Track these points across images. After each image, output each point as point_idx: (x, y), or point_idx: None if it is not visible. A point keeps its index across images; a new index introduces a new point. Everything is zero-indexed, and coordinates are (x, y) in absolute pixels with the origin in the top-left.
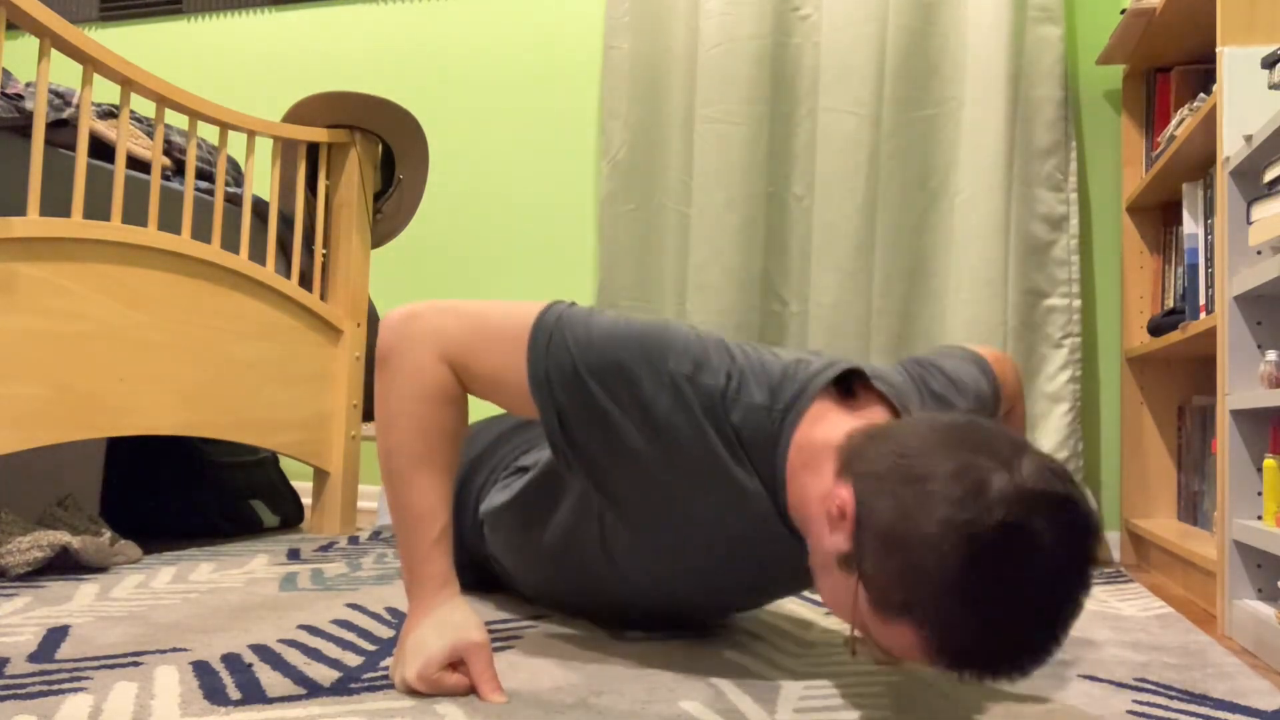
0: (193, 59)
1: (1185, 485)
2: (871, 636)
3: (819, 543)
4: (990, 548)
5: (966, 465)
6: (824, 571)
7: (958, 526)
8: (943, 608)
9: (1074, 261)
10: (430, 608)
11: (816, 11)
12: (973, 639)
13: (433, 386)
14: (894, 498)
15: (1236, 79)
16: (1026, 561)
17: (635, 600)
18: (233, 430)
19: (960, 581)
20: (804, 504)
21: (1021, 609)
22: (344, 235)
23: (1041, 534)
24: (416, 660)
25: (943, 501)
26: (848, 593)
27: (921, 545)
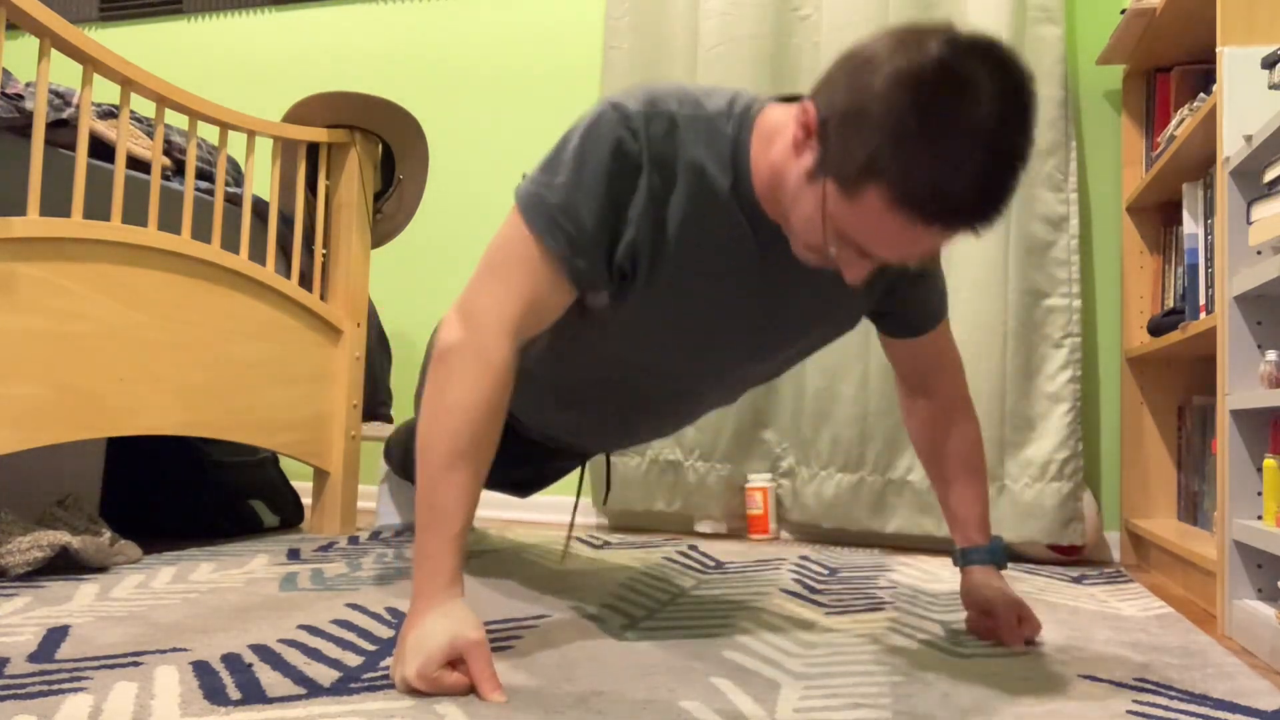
0: (193, 59)
1: (1185, 485)
2: (844, 232)
3: (790, 176)
4: (932, 84)
5: (906, 35)
6: (796, 206)
7: (901, 73)
8: (900, 151)
9: (1074, 261)
10: (433, 604)
11: (816, 11)
12: (932, 176)
13: (497, 366)
14: (847, 83)
15: (1236, 79)
16: (970, 98)
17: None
18: (233, 430)
19: (910, 120)
20: (771, 171)
21: (972, 143)
22: (344, 235)
23: (979, 73)
24: (416, 659)
25: (886, 61)
26: (816, 203)
27: (873, 101)
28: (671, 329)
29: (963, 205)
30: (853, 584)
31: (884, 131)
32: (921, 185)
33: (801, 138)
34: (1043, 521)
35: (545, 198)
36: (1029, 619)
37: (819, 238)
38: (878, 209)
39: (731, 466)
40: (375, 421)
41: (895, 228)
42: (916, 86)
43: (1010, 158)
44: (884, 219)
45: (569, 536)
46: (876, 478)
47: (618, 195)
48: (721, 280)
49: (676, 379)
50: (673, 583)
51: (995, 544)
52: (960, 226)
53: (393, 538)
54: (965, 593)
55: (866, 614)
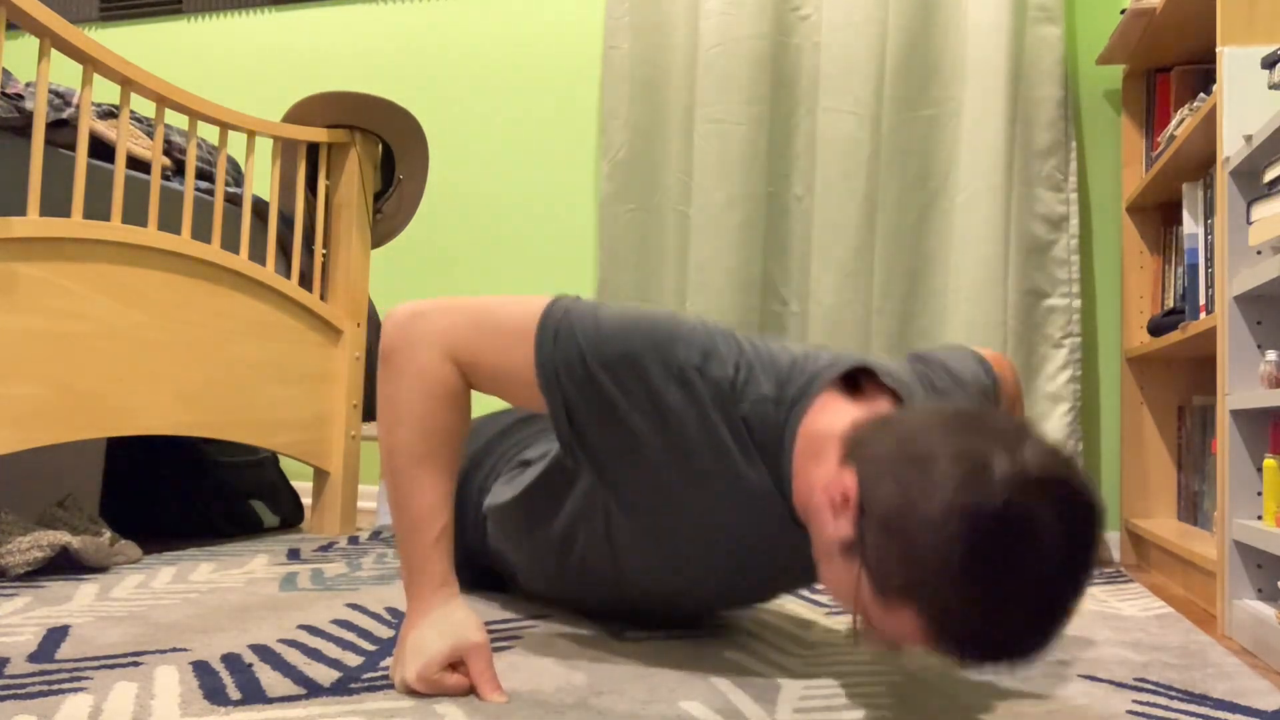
0: (193, 59)
1: (1185, 485)
2: (873, 624)
3: (822, 531)
4: (992, 532)
5: (969, 447)
6: (827, 560)
7: (960, 509)
8: (944, 592)
9: (1074, 261)
10: (430, 607)
11: (816, 11)
12: (974, 625)
13: (437, 385)
14: (896, 481)
15: (1236, 79)
16: (1029, 546)
17: (637, 597)
18: (233, 430)
19: (962, 566)
20: (809, 494)
21: (1023, 595)
22: (344, 235)
23: (1044, 519)
24: (416, 660)
25: (945, 484)
26: (850, 580)
27: (923, 528)
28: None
29: (1003, 654)
30: None
31: (931, 568)
32: (961, 631)
33: (839, 503)
34: None
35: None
36: None
37: (847, 605)
38: (911, 628)
39: None
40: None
41: (926, 644)
42: (975, 532)
43: (1062, 610)
44: (915, 637)
45: None
46: None
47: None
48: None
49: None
50: None
51: None
52: (993, 668)
53: (392, 538)
54: None
55: None
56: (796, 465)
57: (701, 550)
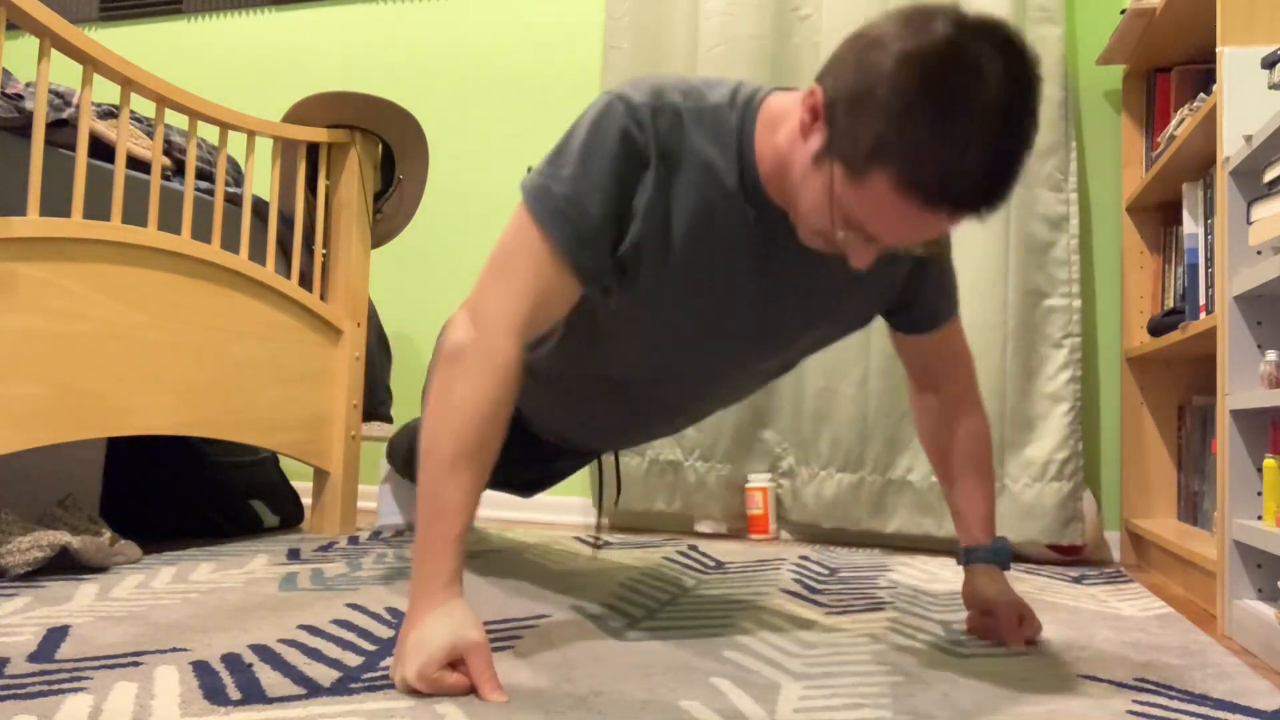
0: (193, 59)
1: (1185, 485)
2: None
3: (797, 168)
4: (939, 65)
5: (913, 15)
6: (803, 191)
7: (908, 54)
8: (906, 136)
9: (1074, 261)
10: (432, 605)
11: (816, 12)
12: (938, 159)
13: (503, 367)
14: (854, 64)
15: (1236, 79)
16: (975, 77)
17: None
18: (233, 430)
19: (918, 105)
20: (777, 158)
21: (979, 123)
22: (344, 235)
23: (985, 53)
24: (416, 659)
25: (893, 41)
26: (823, 188)
27: (879, 83)
28: (677, 324)
29: (969, 188)
30: (853, 584)
31: (891, 114)
32: (928, 169)
33: (809, 121)
34: (1043, 521)
35: (551, 190)
36: (1030, 619)
37: (826, 222)
38: (884, 192)
39: (731, 466)
40: (375, 421)
41: (901, 211)
42: (924, 68)
43: (1017, 141)
44: (890, 202)
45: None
46: (876, 478)
47: (624, 187)
48: (728, 273)
49: (684, 376)
50: (673, 582)
51: (999, 544)
52: (966, 210)
53: (393, 538)
54: (967, 592)
55: (866, 614)
56: (759, 143)
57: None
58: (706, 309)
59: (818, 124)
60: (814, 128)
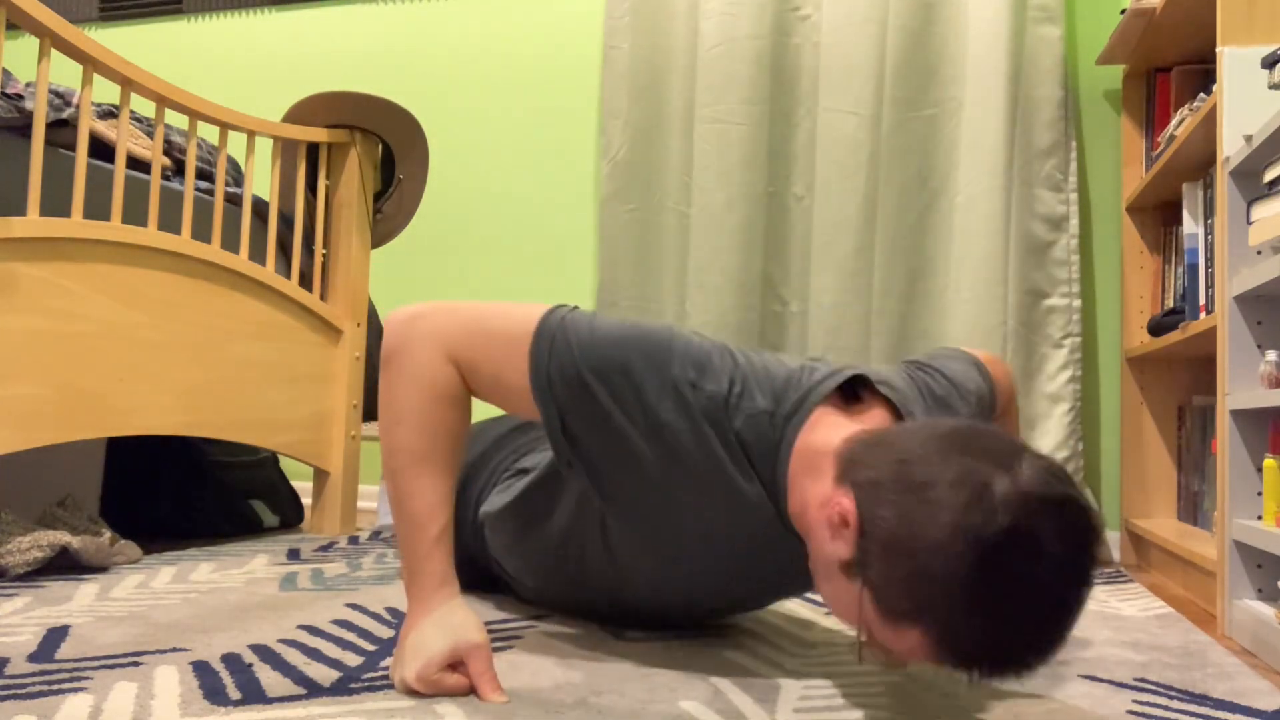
0: (193, 59)
1: (1185, 485)
2: (877, 640)
3: (820, 548)
4: (997, 551)
5: (968, 470)
6: (826, 577)
7: (965, 532)
8: (952, 612)
9: (1074, 261)
10: (430, 608)
11: (816, 11)
12: (981, 640)
13: (438, 386)
14: (896, 506)
15: (1236, 79)
16: (1032, 563)
17: (636, 601)
18: (233, 430)
19: (969, 586)
20: (804, 510)
21: (1029, 610)
22: (344, 235)
23: (1046, 536)
24: (416, 661)
25: (947, 508)
26: (852, 599)
27: (928, 552)
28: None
29: (1008, 665)
30: None
31: (938, 589)
32: (969, 647)
33: (838, 524)
34: None
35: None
36: None
37: (852, 625)
38: (918, 645)
39: None
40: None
41: (933, 660)
42: (980, 553)
43: (1066, 622)
44: (922, 653)
45: None
46: None
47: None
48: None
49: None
50: None
51: None
52: (998, 679)
53: (392, 538)
54: None
55: None
56: (792, 481)
57: (697, 558)
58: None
59: (847, 533)
60: (842, 534)
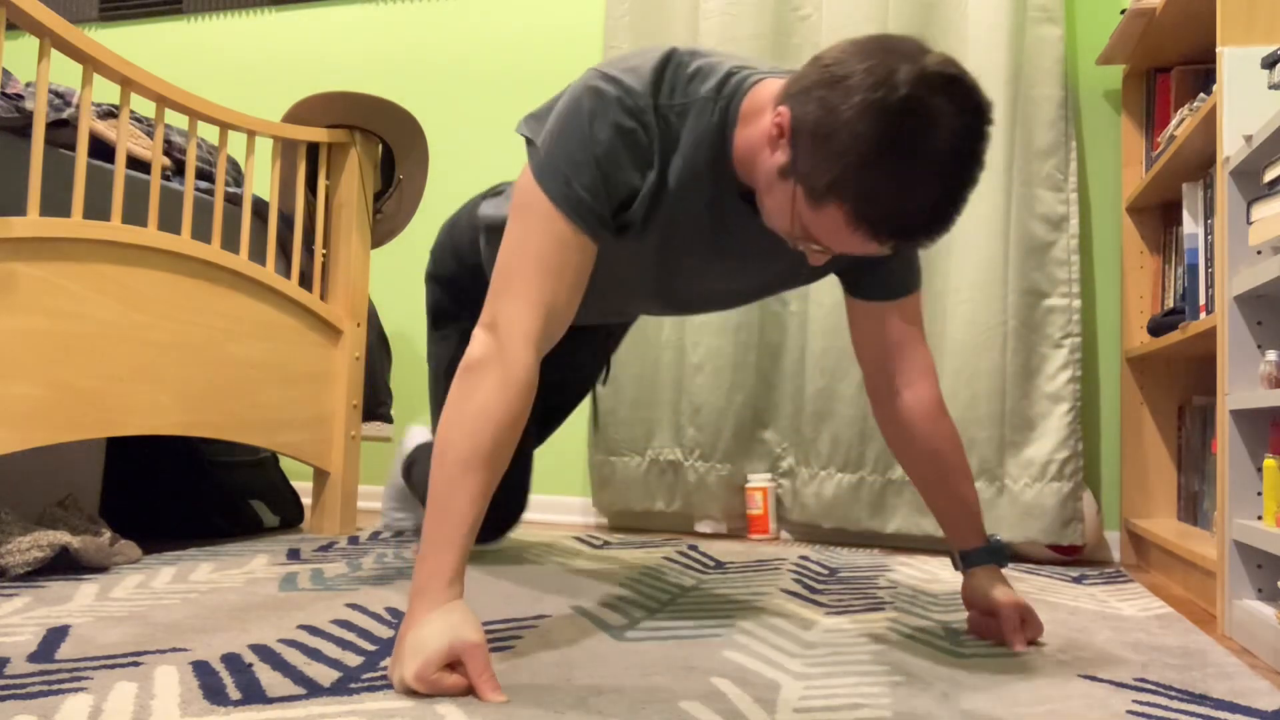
0: (193, 59)
1: (1185, 485)
2: (808, 231)
3: (762, 168)
4: (897, 118)
5: (878, 61)
6: (768, 192)
7: (870, 105)
8: (862, 178)
9: (1074, 261)
10: (431, 606)
11: (816, 12)
12: (889, 202)
13: (521, 378)
14: (819, 100)
15: (1236, 79)
16: (930, 130)
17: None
18: (233, 430)
19: (874, 151)
20: (750, 150)
21: (929, 171)
22: (344, 235)
23: (940, 107)
24: (414, 660)
25: (858, 89)
26: (786, 199)
27: (842, 128)
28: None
29: (914, 226)
30: (853, 584)
31: (848, 159)
32: (878, 209)
33: (775, 136)
34: (1043, 521)
35: (562, 170)
36: (1032, 620)
37: (786, 227)
38: (838, 221)
39: (731, 466)
40: (375, 422)
41: (852, 237)
42: (883, 120)
43: (961, 186)
44: (843, 230)
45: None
46: (876, 478)
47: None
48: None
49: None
50: (673, 583)
51: (995, 543)
52: (910, 242)
53: (392, 538)
54: (967, 593)
55: (866, 614)
56: (739, 135)
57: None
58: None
59: (783, 142)
60: (780, 144)
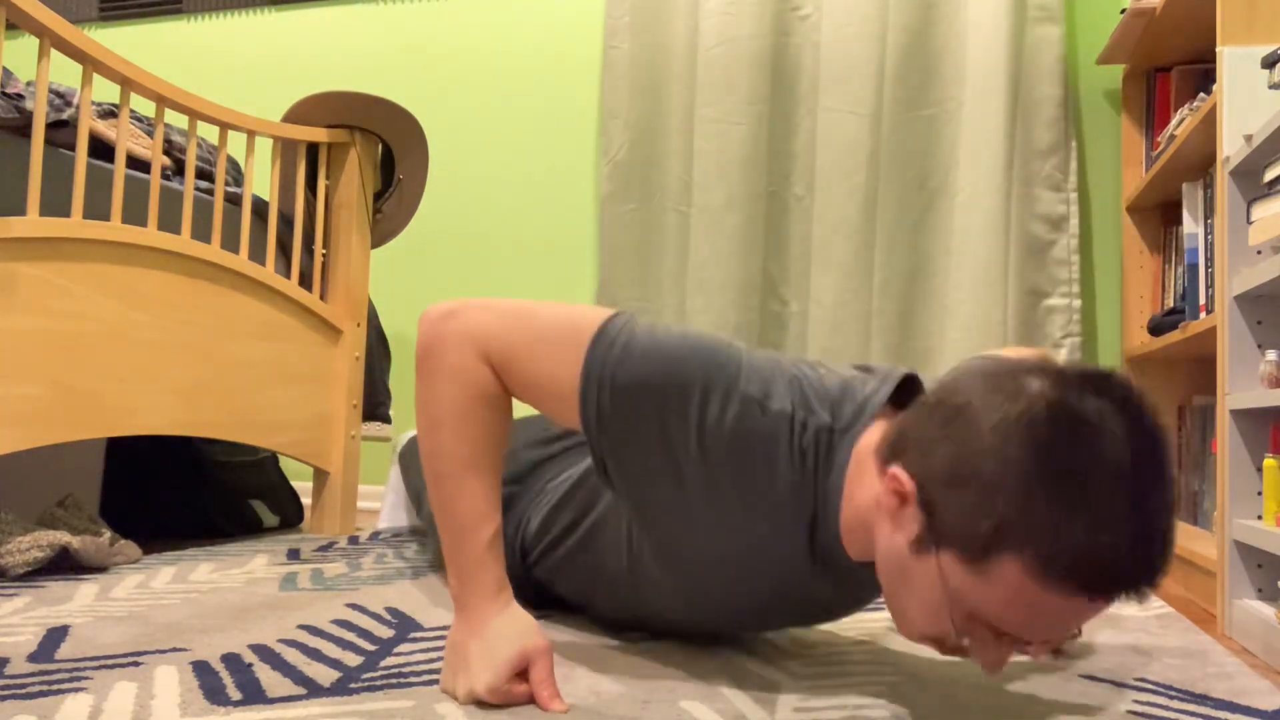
0: (193, 59)
1: (1185, 485)
2: (976, 613)
3: (889, 549)
4: (1050, 429)
5: (1000, 381)
6: (902, 578)
7: (1011, 424)
8: (1031, 514)
9: (1074, 261)
10: (489, 615)
11: (816, 11)
12: (1075, 535)
13: (474, 387)
14: (943, 442)
15: (1236, 79)
16: (1092, 437)
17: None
18: (233, 430)
19: (1036, 476)
20: (861, 515)
21: (1109, 488)
22: (344, 235)
23: (1095, 409)
24: (486, 672)
25: (988, 413)
26: (932, 577)
27: (984, 459)
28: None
29: (1121, 565)
30: None
31: (1008, 492)
32: (1066, 549)
33: (896, 506)
34: None
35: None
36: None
37: (941, 623)
38: (1016, 583)
39: None
40: (374, 421)
41: (1042, 601)
42: (1031, 434)
43: (1160, 501)
44: (1026, 593)
45: None
46: None
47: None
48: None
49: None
50: None
51: None
52: (1121, 592)
53: (392, 538)
54: None
55: (866, 614)
56: (847, 493)
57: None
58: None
59: (909, 509)
60: (904, 513)
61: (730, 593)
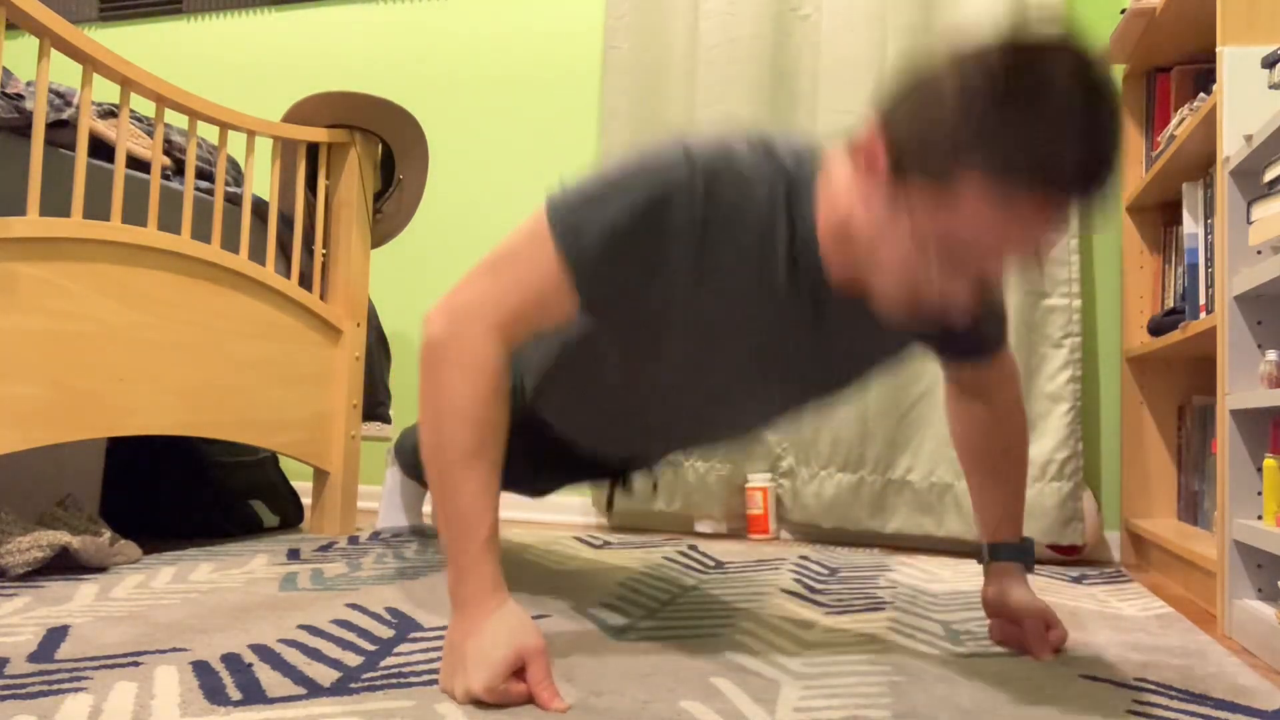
0: (193, 59)
1: (1185, 485)
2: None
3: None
4: (1003, 58)
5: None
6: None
7: (968, 58)
8: (986, 123)
9: (1074, 261)
10: (485, 613)
11: (816, 11)
12: (1029, 138)
13: (488, 374)
14: (908, 96)
15: (1236, 79)
16: (1044, 65)
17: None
18: (233, 430)
19: (989, 89)
20: (840, 217)
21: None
22: (344, 235)
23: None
24: (481, 671)
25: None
26: (904, 225)
27: (942, 91)
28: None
29: (1069, 164)
30: (853, 584)
31: (964, 110)
32: (1019, 151)
33: (867, 161)
34: (1043, 521)
35: (579, 211)
36: (1056, 626)
37: (919, 269)
38: (979, 195)
39: (731, 466)
40: (374, 422)
41: (1003, 212)
42: (988, 64)
43: (1105, 112)
44: (989, 206)
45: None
46: (876, 478)
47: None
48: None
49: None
50: (673, 583)
51: (1028, 543)
52: (1072, 189)
53: (392, 539)
54: (990, 599)
55: (866, 614)
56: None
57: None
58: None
59: (879, 159)
60: (875, 166)
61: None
